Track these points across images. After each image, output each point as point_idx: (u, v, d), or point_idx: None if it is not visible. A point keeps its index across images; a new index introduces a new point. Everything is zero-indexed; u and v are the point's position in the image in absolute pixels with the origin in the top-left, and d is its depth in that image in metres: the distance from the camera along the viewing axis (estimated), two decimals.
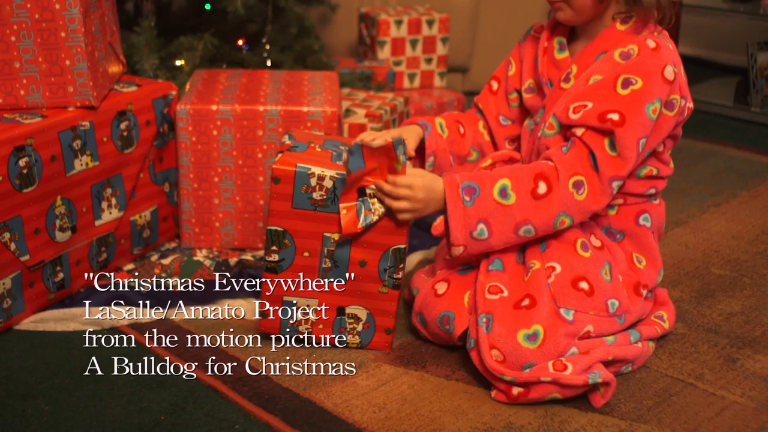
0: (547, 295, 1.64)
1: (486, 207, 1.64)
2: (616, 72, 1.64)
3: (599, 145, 1.62)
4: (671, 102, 1.65)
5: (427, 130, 1.82)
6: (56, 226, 1.88)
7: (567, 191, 1.63)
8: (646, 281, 1.76)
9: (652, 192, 1.77)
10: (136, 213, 2.09)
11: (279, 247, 1.69)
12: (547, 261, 1.69)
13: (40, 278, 1.88)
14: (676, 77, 1.63)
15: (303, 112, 2.06)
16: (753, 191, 2.61)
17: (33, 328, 1.86)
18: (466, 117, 1.93)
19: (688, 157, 2.87)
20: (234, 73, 2.30)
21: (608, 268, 1.71)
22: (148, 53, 2.41)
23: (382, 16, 3.12)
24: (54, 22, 1.85)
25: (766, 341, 1.83)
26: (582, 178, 1.63)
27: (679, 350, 1.80)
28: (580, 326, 1.64)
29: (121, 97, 2.01)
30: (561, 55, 1.76)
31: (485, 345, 1.63)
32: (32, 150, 1.80)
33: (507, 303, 1.66)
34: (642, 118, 1.61)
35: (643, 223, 1.77)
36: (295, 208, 1.66)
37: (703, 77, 3.77)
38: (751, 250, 2.24)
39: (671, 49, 1.67)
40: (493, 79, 1.93)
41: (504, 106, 1.90)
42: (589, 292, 1.66)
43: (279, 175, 1.65)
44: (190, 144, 2.08)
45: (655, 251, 1.79)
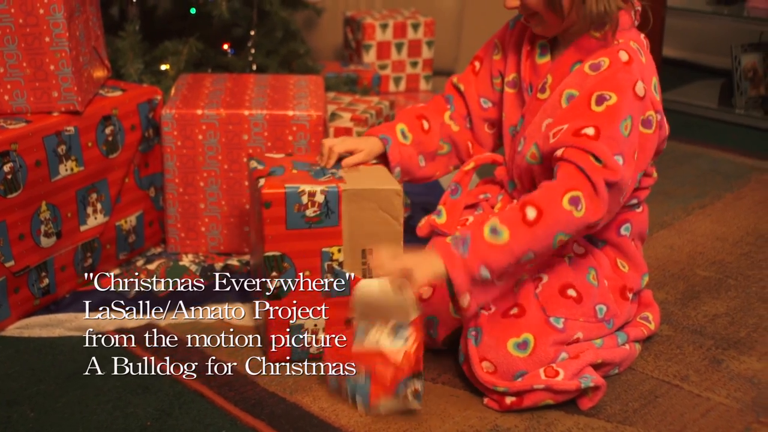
0: (536, 305, 1.64)
1: (482, 250, 1.54)
2: (589, 88, 1.61)
3: (583, 158, 1.57)
4: (648, 119, 1.62)
5: (388, 144, 1.78)
6: (41, 232, 1.87)
7: (563, 210, 1.56)
8: (631, 285, 1.76)
9: (634, 202, 1.76)
10: (121, 218, 2.09)
11: (279, 271, 1.68)
12: (534, 272, 1.68)
13: (25, 284, 1.87)
14: (646, 93, 1.61)
15: (288, 116, 2.06)
16: (737, 193, 2.62)
17: (18, 334, 1.85)
18: (431, 109, 1.88)
19: (672, 159, 2.88)
20: (219, 77, 2.29)
21: (594, 273, 1.71)
22: (132, 58, 2.41)
23: (368, 19, 3.12)
24: (38, 27, 1.84)
25: (750, 342, 1.84)
26: (578, 193, 1.56)
27: (665, 352, 1.81)
28: (570, 333, 1.64)
29: (106, 101, 2.01)
30: (542, 60, 1.73)
31: (475, 358, 1.63)
32: (17, 155, 1.79)
33: (495, 315, 1.65)
34: (615, 134, 1.57)
35: (624, 233, 1.76)
36: (290, 229, 1.65)
37: (687, 79, 3.79)
38: (736, 252, 2.25)
39: (644, 63, 1.64)
40: (476, 60, 1.88)
41: (487, 88, 1.85)
42: (577, 299, 1.66)
43: (270, 199, 1.64)
44: (175, 148, 2.08)
45: (637, 257, 1.78)
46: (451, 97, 1.89)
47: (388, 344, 1.59)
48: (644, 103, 1.61)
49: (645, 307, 1.85)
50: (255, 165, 1.77)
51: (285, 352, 1.74)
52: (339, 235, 1.68)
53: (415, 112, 1.86)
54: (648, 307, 1.85)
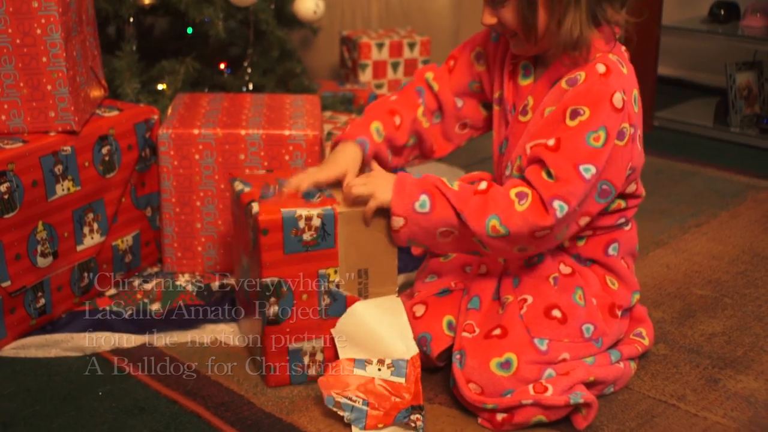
0: (520, 326, 1.64)
1: (430, 182, 1.62)
2: (564, 102, 1.60)
3: (536, 172, 1.59)
4: (621, 131, 1.61)
5: (366, 147, 1.75)
6: (38, 252, 1.87)
7: (507, 197, 1.59)
8: (621, 302, 1.75)
9: (621, 222, 1.76)
10: (118, 238, 2.08)
11: (277, 297, 1.67)
12: (520, 294, 1.69)
13: (22, 304, 1.87)
14: (624, 105, 1.59)
15: (285, 136, 2.06)
16: (733, 211, 2.62)
17: (14, 354, 1.85)
18: (403, 103, 1.84)
19: (668, 178, 2.89)
20: (216, 96, 2.30)
21: (581, 292, 1.70)
22: (129, 77, 2.41)
23: (364, 39, 3.13)
24: (35, 47, 1.85)
25: (747, 361, 1.84)
26: (527, 191, 1.59)
27: (661, 371, 1.80)
28: (555, 355, 1.63)
29: (102, 121, 2.01)
30: (525, 81, 1.72)
31: (461, 380, 1.63)
32: (13, 175, 1.79)
33: (478, 337, 1.66)
34: (579, 144, 1.57)
35: (612, 253, 1.76)
36: (288, 254, 1.65)
37: (682, 98, 3.80)
38: (732, 270, 2.25)
39: (624, 74, 1.63)
40: (451, 59, 1.86)
41: (463, 88, 1.83)
42: (562, 319, 1.65)
43: (267, 226, 1.63)
44: (172, 168, 2.08)
45: (627, 275, 1.78)
46: (422, 91, 1.85)
47: (388, 377, 1.62)
48: (622, 115, 1.60)
49: (638, 322, 1.84)
50: (241, 187, 1.75)
51: (284, 377, 1.73)
52: (335, 257, 1.68)
53: (387, 107, 1.82)
54: (641, 322, 1.84)
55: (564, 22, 1.58)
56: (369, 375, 1.64)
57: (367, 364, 1.66)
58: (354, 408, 1.59)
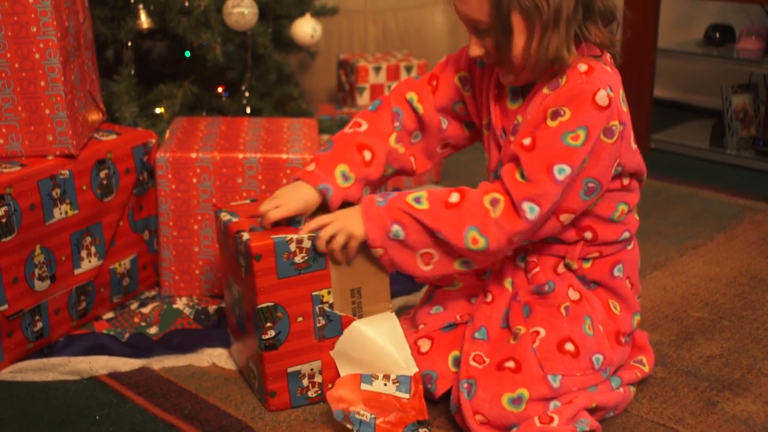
0: (534, 361, 1.61)
1: (399, 206, 1.60)
2: (546, 104, 1.59)
3: (510, 172, 1.59)
4: (610, 129, 1.59)
5: (329, 194, 1.70)
6: (35, 275, 1.87)
7: (481, 205, 1.59)
8: (625, 328, 1.75)
9: (626, 236, 1.75)
10: (115, 261, 2.09)
11: (273, 322, 1.67)
12: (532, 326, 1.66)
13: (19, 328, 1.87)
14: (611, 102, 1.57)
15: (282, 160, 2.07)
16: (730, 233, 2.63)
17: (11, 378, 1.84)
18: (374, 133, 1.79)
19: (665, 200, 2.90)
20: (213, 120, 2.31)
21: (590, 321, 1.69)
22: (127, 101, 2.42)
23: (361, 62, 3.15)
24: (34, 72, 1.85)
25: (745, 384, 1.84)
26: (500, 196, 1.59)
27: (660, 394, 1.80)
28: (566, 390, 1.62)
29: (100, 145, 2.02)
30: (514, 105, 1.71)
31: (468, 411, 1.61)
32: (11, 199, 1.80)
33: (489, 367, 1.64)
34: (555, 143, 1.56)
35: (618, 275, 1.75)
36: (281, 278, 1.65)
37: (678, 120, 3.81)
38: (729, 293, 2.25)
39: (608, 72, 1.61)
40: (433, 79, 1.83)
41: (447, 109, 1.82)
42: (575, 353, 1.64)
43: (260, 251, 1.62)
44: (169, 192, 2.08)
45: (630, 297, 1.77)
46: (400, 113, 1.81)
47: (393, 392, 1.62)
48: (608, 113, 1.57)
49: (639, 350, 1.83)
50: (228, 218, 1.74)
51: (285, 401, 1.73)
52: (328, 278, 1.68)
53: (355, 141, 1.77)
54: (642, 350, 1.83)
55: (548, 46, 1.56)
56: (376, 390, 1.64)
57: (374, 378, 1.66)
58: (362, 422, 1.59)
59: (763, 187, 3.05)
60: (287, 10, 2.77)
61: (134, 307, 2.12)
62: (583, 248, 1.72)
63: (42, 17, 1.82)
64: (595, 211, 1.69)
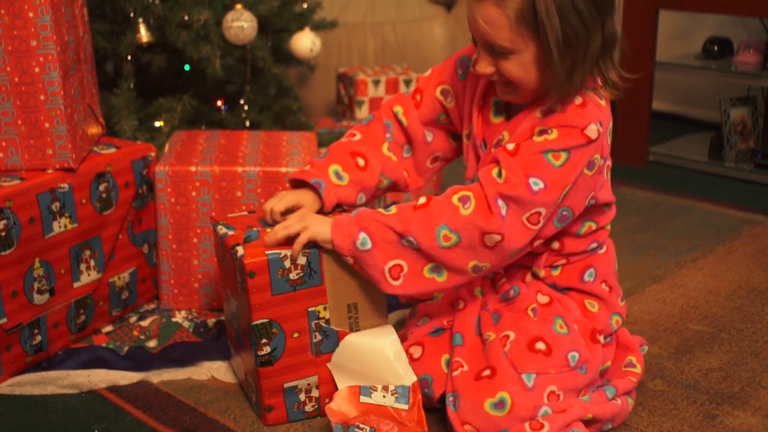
0: (506, 363, 1.63)
1: (367, 216, 1.61)
2: (535, 123, 1.62)
3: (488, 170, 1.61)
4: (592, 161, 1.62)
5: (321, 188, 1.73)
6: (34, 289, 1.87)
7: (450, 204, 1.59)
8: (601, 327, 1.75)
9: (593, 246, 1.77)
10: (114, 274, 2.09)
11: (268, 338, 1.66)
12: (501, 331, 1.68)
13: (18, 341, 1.86)
14: (599, 137, 1.60)
15: (281, 173, 2.07)
16: (729, 246, 2.63)
17: (10, 392, 1.84)
18: (367, 142, 1.82)
19: (664, 213, 2.90)
20: (213, 134, 2.31)
21: (561, 321, 1.70)
22: (127, 115, 2.43)
23: (360, 76, 3.15)
24: (33, 85, 1.86)
25: (744, 397, 1.84)
26: (468, 193, 1.60)
27: (659, 407, 1.80)
28: (542, 389, 1.62)
29: (100, 158, 2.02)
30: (497, 119, 1.73)
31: (457, 423, 1.62)
32: (10, 212, 1.80)
33: (468, 377, 1.65)
34: (536, 157, 1.58)
35: (588, 279, 1.77)
36: (275, 294, 1.65)
37: (677, 133, 3.82)
38: (728, 306, 2.25)
39: (601, 106, 1.64)
40: (417, 93, 1.84)
41: (431, 122, 1.83)
42: (546, 351, 1.65)
43: (253, 268, 1.62)
44: (168, 205, 2.08)
45: (606, 297, 1.78)
46: (390, 125, 1.84)
47: (392, 403, 1.62)
48: (595, 146, 1.60)
49: (626, 350, 1.82)
50: (225, 231, 1.74)
51: (281, 415, 1.73)
52: (324, 294, 1.68)
53: (349, 148, 1.80)
54: (629, 350, 1.82)
55: (574, 77, 1.58)
56: (375, 402, 1.64)
57: (372, 390, 1.66)
58: None
59: (761, 200, 3.06)
60: (286, 24, 2.77)
61: (133, 321, 2.12)
62: (548, 257, 1.75)
63: (42, 31, 1.83)
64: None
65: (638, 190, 3.10)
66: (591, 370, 1.70)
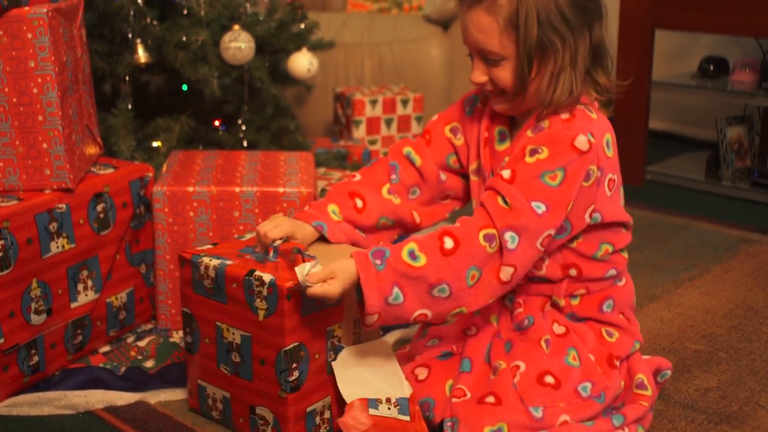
0: (514, 395, 1.62)
1: (398, 268, 1.55)
2: (524, 142, 1.63)
3: (493, 200, 1.60)
4: (588, 173, 1.61)
5: (325, 230, 1.73)
6: (32, 309, 1.87)
7: (478, 244, 1.58)
8: (619, 352, 1.74)
9: (612, 273, 1.75)
10: (112, 295, 2.08)
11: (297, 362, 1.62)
12: (512, 360, 1.67)
13: (15, 362, 1.86)
14: (591, 147, 1.60)
15: (279, 193, 2.07)
16: (726, 265, 2.63)
17: (7, 412, 1.84)
18: (366, 183, 1.82)
19: (661, 232, 2.90)
20: (210, 154, 2.31)
21: (575, 352, 1.69)
22: (125, 135, 2.43)
23: (357, 95, 3.16)
24: (31, 106, 1.86)
25: (742, 416, 1.84)
26: (493, 231, 1.58)
27: (657, 427, 1.80)
28: (552, 420, 1.61)
29: (97, 179, 2.02)
30: (502, 147, 1.73)
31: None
32: (8, 233, 1.80)
33: (470, 402, 1.64)
34: (534, 181, 1.59)
35: (607, 310, 1.76)
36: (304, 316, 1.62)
37: (674, 152, 3.83)
38: (726, 325, 2.25)
39: (593, 119, 1.64)
40: (426, 134, 1.85)
41: (442, 162, 1.83)
42: (555, 385, 1.64)
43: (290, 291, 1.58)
44: (166, 225, 2.08)
45: (626, 326, 1.77)
46: (397, 167, 1.83)
47: (396, 415, 1.62)
48: (589, 157, 1.60)
49: (636, 369, 1.78)
50: (218, 262, 1.68)
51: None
52: (341, 312, 1.67)
53: (347, 189, 1.80)
54: (638, 368, 1.78)
55: (559, 82, 1.60)
56: (382, 414, 1.64)
57: (378, 403, 1.65)
58: None
59: (758, 219, 3.06)
60: (284, 44, 2.78)
61: (131, 341, 2.12)
62: (568, 285, 1.73)
63: (40, 52, 1.84)
64: (578, 248, 1.71)
65: (635, 209, 3.10)
66: (609, 397, 1.69)
